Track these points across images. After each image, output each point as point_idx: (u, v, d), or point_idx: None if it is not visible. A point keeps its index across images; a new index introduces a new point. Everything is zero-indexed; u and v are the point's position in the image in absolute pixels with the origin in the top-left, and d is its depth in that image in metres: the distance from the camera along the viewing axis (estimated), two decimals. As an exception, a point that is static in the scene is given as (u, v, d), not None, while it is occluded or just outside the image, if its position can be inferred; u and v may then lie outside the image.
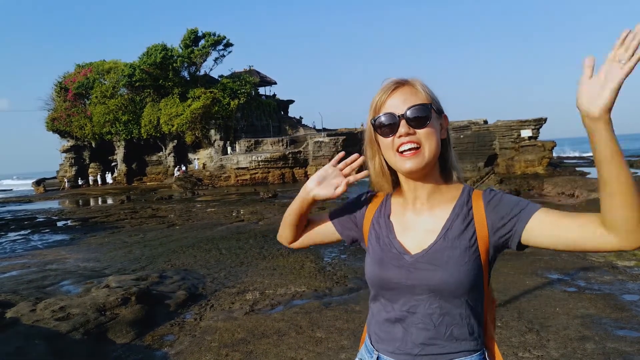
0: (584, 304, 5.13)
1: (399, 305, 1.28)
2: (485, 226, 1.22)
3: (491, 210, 1.22)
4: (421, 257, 1.25)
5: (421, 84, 1.27)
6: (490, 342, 1.30)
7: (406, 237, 1.31)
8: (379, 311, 1.34)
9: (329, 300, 5.91)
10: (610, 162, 0.97)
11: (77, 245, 11.81)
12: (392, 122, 1.23)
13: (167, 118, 38.30)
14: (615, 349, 3.92)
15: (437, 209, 1.30)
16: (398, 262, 1.27)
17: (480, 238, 1.22)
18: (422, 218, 1.31)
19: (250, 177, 34.49)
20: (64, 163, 44.57)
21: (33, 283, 7.06)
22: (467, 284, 1.20)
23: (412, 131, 1.22)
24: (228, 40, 40.43)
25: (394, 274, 1.27)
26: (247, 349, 4.42)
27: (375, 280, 1.32)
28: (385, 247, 1.32)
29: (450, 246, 1.23)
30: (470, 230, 1.24)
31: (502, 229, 1.20)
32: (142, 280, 6.67)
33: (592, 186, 14.94)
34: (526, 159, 27.38)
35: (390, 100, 1.25)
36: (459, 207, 1.28)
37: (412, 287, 1.25)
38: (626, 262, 7.25)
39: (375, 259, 1.33)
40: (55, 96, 44.19)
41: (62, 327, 4.60)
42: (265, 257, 8.77)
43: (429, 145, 1.22)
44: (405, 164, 1.23)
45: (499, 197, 1.24)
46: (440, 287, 1.21)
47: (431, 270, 1.22)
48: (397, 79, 1.27)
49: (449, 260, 1.21)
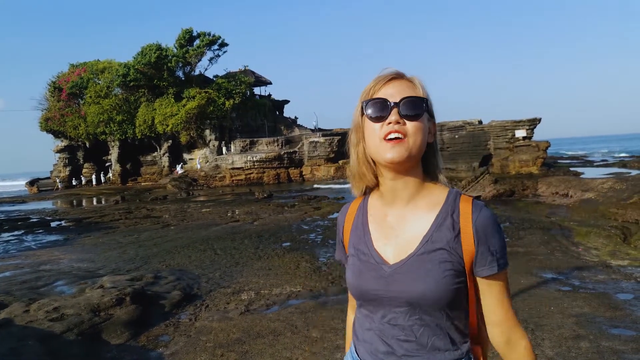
0: (578, 303, 5.15)
1: (379, 317, 1.25)
2: (472, 241, 1.18)
3: (482, 235, 1.18)
4: (399, 267, 1.20)
5: (419, 82, 1.24)
6: (475, 349, 1.27)
7: (385, 245, 1.25)
8: (363, 321, 1.31)
9: (325, 300, 5.90)
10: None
11: (71, 245, 11.74)
12: (383, 108, 1.19)
13: (162, 118, 38.14)
14: (609, 348, 3.94)
15: (418, 214, 1.24)
16: (376, 272, 1.23)
17: (465, 251, 1.18)
18: (401, 224, 1.25)
19: (246, 177, 34.43)
20: (58, 163, 44.28)
21: (26, 284, 7.02)
22: (447, 297, 1.17)
23: (402, 121, 1.17)
24: (223, 40, 40.34)
25: (373, 286, 1.23)
26: (243, 349, 4.41)
27: (355, 291, 1.28)
28: (364, 256, 1.27)
29: (430, 257, 1.18)
30: (454, 242, 1.18)
31: (478, 259, 1.19)
32: (136, 281, 6.65)
33: (586, 186, 15.01)
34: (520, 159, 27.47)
35: (385, 89, 1.21)
36: (443, 215, 1.21)
37: (391, 298, 1.20)
38: (620, 261, 7.30)
39: (355, 270, 1.28)
40: (48, 96, 43.88)
41: (56, 328, 4.57)
42: (261, 257, 8.76)
43: (415, 139, 1.17)
44: (387, 152, 1.17)
45: (489, 227, 1.19)
46: (419, 300, 1.17)
47: (409, 283, 1.17)
48: (396, 71, 1.24)
49: (429, 273, 1.16)
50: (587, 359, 3.77)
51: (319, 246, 9.74)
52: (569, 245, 8.55)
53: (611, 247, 8.32)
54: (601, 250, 8.18)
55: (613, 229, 9.71)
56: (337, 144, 35.79)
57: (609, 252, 7.96)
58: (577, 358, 3.80)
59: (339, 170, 34.44)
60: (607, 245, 8.52)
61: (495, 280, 1.20)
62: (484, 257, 1.18)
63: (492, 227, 1.19)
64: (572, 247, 8.41)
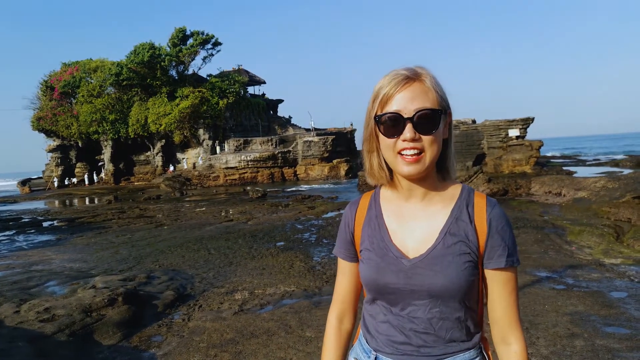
0: (572, 302, 5.15)
1: (397, 309, 1.26)
2: (485, 234, 1.21)
3: (494, 228, 1.21)
4: (420, 261, 1.22)
5: (431, 80, 1.19)
6: (483, 341, 1.31)
7: (402, 239, 1.26)
8: (377, 314, 1.31)
9: (319, 300, 5.87)
10: None
11: (63, 245, 11.64)
12: (397, 123, 1.16)
13: (155, 117, 37.96)
14: (604, 346, 3.94)
15: (433, 209, 1.26)
16: (396, 266, 1.23)
17: (480, 243, 1.21)
18: (418, 218, 1.27)
19: (239, 177, 34.34)
20: (50, 163, 43.94)
21: (17, 284, 6.93)
22: (467, 288, 1.20)
23: (418, 136, 1.16)
24: (216, 39, 40.22)
25: (392, 279, 1.23)
26: (236, 349, 4.37)
27: (373, 285, 1.28)
28: (381, 251, 1.27)
29: (450, 251, 1.20)
30: (471, 235, 1.21)
31: (487, 251, 1.22)
32: (129, 281, 6.59)
33: (579, 185, 15.07)
34: (514, 158, 27.57)
35: (398, 96, 1.17)
36: (458, 209, 1.24)
37: (412, 291, 1.22)
38: (613, 259, 7.32)
39: (372, 264, 1.28)
40: (40, 95, 43.57)
41: (47, 329, 4.51)
42: (255, 257, 8.71)
43: (431, 152, 1.18)
44: (404, 168, 1.18)
45: (502, 221, 1.22)
46: (441, 292, 1.19)
47: (431, 276, 1.19)
48: (407, 73, 1.19)
49: (450, 265, 1.19)
50: (582, 357, 3.77)
51: (313, 245, 9.71)
52: (563, 243, 8.57)
53: (604, 246, 8.34)
54: (594, 248, 8.21)
55: (606, 227, 9.76)
56: (331, 144, 35.78)
57: (602, 251, 7.98)
58: (572, 357, 3.79)
59: (333, 170, 34.44)
60: (600, 243, 8.55)
61: (501, 275, 1.22)
62: (494, 250, 1.21)
63: (504, 222, 1.22)
64: (566, 245, 8.43)
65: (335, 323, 1.44)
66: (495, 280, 1.22)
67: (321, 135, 37.27)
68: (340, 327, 1.44)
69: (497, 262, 1.20)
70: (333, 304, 1.46)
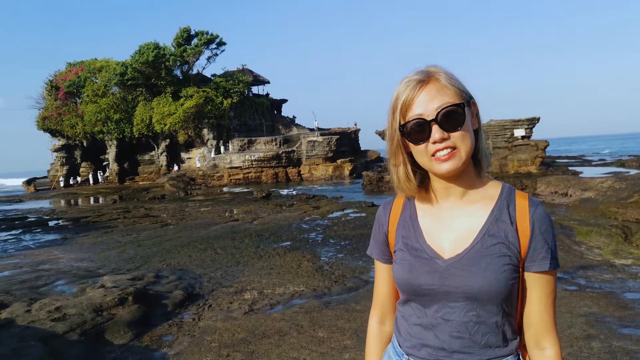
0: (586, 303, 5.11)
1: (431, 312, 1.22)
2: (527, 236, 1.16)
3: (537, 229, 1.17)
4: (456, 262, 1.18)
5: (446, 77, 1.16)
6: (521, 348, 1.26)
7: (437, 239, 1.23)
8: (410, 315, 1.27)
9: (329, 300, 5.85)
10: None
11: (69, 245, 11.65)
12: (423, 128, 1.14)
13: (160, 117, 38.01)
14: (621, 348, 3.90)
15: (472, 208, 1.22)
16: (430, 267, 1.20)
17: (521, 245, 1.17)
18: (455, 218, 1.23)
19: (244, 177, 34.33)
20: (55, 162, 44.05)
21: (26, 283, 6.93)
22: (505, 292, 1.15)
23: (447, 135, 1.13)
24: (221, 39, 40.24)
25: (426, 280, 1.20)
26: (249, 349, 4.35)
27: (406, 286, 1.25)
28: (415, 252, 1.24)
29: (489, 252, 1.16)
30: (512, 236, 1.17)
31: (530, 254, 1.17)
32: (138, 280, 6.57)
33: (586, 185, 14.98)
34: (519, 158, 27.46)
35: (417, 101, 1.15)
36: (498, 209, 1.20)
37: (447, 293, 1.18)
38: (623, 260, 7.27)
39: (405, 265, 1.25)
40: (46, 95, 43.68)
41: (59, 328, 4.50)
42: (262, 257, 8.69)
43: (465, 146, 1.15)
44: (441, 167, 1.15)
45: (546, 222, 1.17)
46: (478, 295, 1.15)
47: (468, 277, 1.15)
48: (419, 76, 1.16)
49: (488, 267, 1.14)
50: (600, 359, 3.73)
51: (319, 245, 9.69)
52: (572, 244, 8.51)
53: (613, 246, 8.28)
54: (604, 249, 8.15)
55: (614, 228, 9.69)
56: (335, 144, 35.73)
57: (612, 251, 7.92)
58: (589, 358, 3.75)
59: (337, 170, 34.38)
60: (609, 244, 8.48)
61: (542, 278, 1.18)
62: (537, 252, 1.17)
63: (548, 223, 1.18)
64: (575, 246, 8.37)
65: (376, 326, 1.42)
66: (536, 284, 1.18)
67: (325, 135, 37.23)
68: (382, 330, 1.42)
69: (540, 265, 1.16)
70: (373, 307, 1.43)
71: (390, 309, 1.41)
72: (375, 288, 1.43)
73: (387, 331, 1.41)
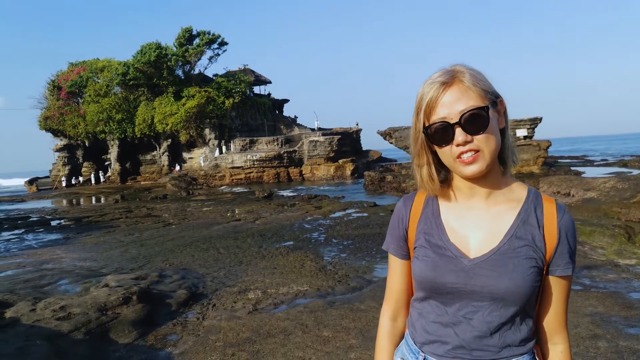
0: (591, 302, 5.10)
1: (453, 310, 1.22)
2: (555, 240, 1.18)
3: (564, 235, 1.19)
4: (482, 261, 1.18)
5: (470, 77, 1.15)
6: (535, 347, 1.27)
7: (462, 238, 1.23)
8: (429, 313, 1.27)
9: (333, 299, 5.84)
10: None
11: (72, 244, 11.66)
12: (447, 131, 1.14)
13: (162, 117, 38.04)
14: (628, 347, 3.89)
15: (497, 209, 1.22)
16: (455, 266, 1.20)
17: (548, 249, 1.19)
18: (481, 218, 1.23)
19: (245, 177, 34.36)
20: (57, 162, 44.09)
21: (30, 282, 6.93)
22: (530, 294, 1.17)
23: (470, 138, 1.13)
24: (223, 39, 40.25)
25: (451, 279, 1.20)
26: (254, 348, 4.34)
27: (428, 284, 1.24)
28: (439, 249, 1.23)
29: (516, 253, 1.17)
30: (539, 240, 1.18)
31: (555, 258, 1.20)
32: (141, 280, 6.57)
33: (588, 185, 14.94)
34: (521, 158, 27.40)
35: (440, 103, 1.15)
36: (526, 212, 1.21)
37: (472, 292, 1.18)
38: (627, 260, 7.25)
39: (428, 263, 1.24)
40: (48, 94, 43.73)
41: (64, 327, 4.50)
42: (265, 256, 8.69)
43: (489, 148, 1.14)
44: (466, 169, 1.15)
45: (572, 229, 1.20)
46: (504, 296, 1.16)
47: (495, 277, 1.16)
48: (443, 78, 1.15)
49: (515, 268, 1.15)
50: (607, 359, 3.72)
51: (322, 245, 9.68)
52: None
53: (617, 246, 8.27)
54: (607, 249, 8.13)
55: (617, 228, 9.66)
56: (337, 144, 35.74)
57: (616, 251, 7.91)
58: (596, 358, 3.74)
59: (338, 170, 34.38)
60: (612, 244, 8.47)
61: (562, 281, 1.22)
62: (562, 257, 1.19)
63: (574, 230, 1.21)
64: (578, 246, 8.36)
65: (389, 323, 1.41)
66: (556, 286, 1.22)
67: (327, 135, 37.23)
68: (395, 327, 1.41)
69: (564, 269, 1.19)
70: (385, 303, 1.42)
71: (403, 305, 1.40)
72: (388, 284, 1.41)
73: (399, 328, 1.41)
